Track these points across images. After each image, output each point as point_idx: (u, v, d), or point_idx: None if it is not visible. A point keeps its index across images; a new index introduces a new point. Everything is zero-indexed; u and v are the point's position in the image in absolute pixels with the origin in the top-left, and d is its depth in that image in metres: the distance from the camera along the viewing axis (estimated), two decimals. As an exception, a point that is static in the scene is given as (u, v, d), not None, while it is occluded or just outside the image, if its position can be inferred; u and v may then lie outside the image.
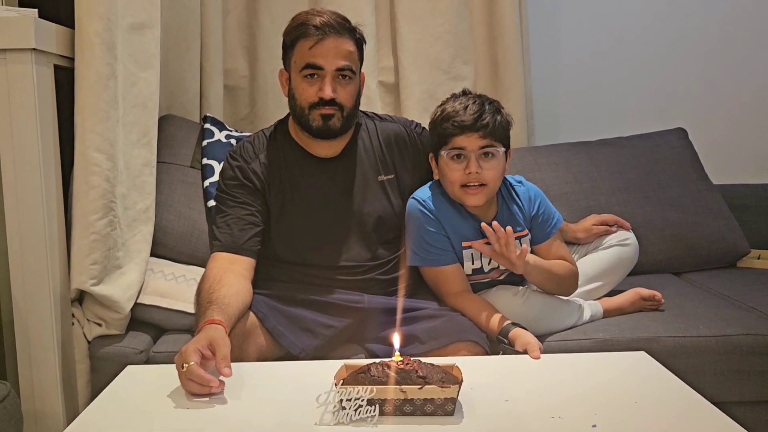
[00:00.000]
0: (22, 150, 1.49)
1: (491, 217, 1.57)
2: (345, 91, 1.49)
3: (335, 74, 1.47)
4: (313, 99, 1.47)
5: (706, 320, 1.61)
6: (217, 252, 1.49)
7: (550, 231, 1.61)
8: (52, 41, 1.54)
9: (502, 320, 1.42)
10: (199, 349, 1.14)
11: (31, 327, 1.53)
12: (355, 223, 1.55)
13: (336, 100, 1.47)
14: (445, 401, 1.03)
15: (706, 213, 2.10)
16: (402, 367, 1.05)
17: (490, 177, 1.51)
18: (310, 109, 1.48)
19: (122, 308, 1.62)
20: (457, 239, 1.54)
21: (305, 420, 1.03)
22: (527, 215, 1.61)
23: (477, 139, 1.49)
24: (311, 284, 1.51)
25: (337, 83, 1.47)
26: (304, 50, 1.46)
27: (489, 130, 1.49)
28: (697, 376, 1.42)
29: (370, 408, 1.01)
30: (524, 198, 1.62)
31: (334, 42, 1.46)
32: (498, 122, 1.51)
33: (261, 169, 1.54)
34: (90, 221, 1.57)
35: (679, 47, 2.55)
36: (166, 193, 1.90)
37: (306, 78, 1.48)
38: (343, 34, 1.47)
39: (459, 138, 1.49)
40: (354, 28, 1.51)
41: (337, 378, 1.07)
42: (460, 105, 1.51)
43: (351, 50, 1.49)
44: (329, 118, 1.48)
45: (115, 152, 1.62)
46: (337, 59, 1.46)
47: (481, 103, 1.52)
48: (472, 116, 1.48)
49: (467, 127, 1.48)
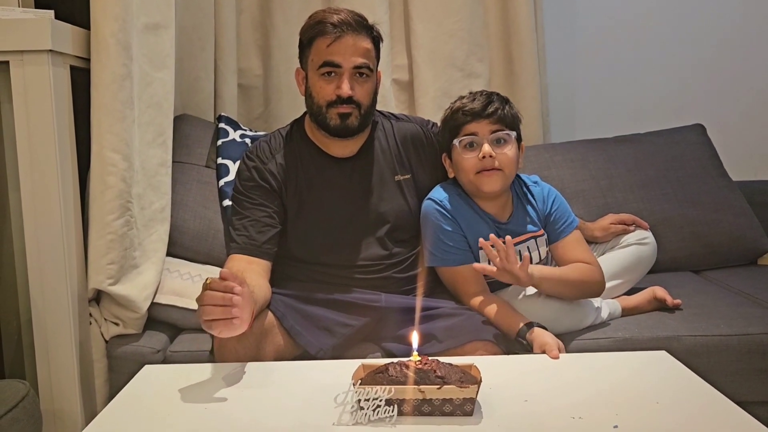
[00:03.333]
0: (39, 151, 1.50)
1: (507, 217, 1.56)
2: (362, 89, 1.49)
3: (353, 72, 1.46)
4: (330, 97, 1.47)
5: (727, 319, 1.58)
6: (234, 254, 1.49)
7: (564, 230, 1.59)
8: (68, 42, 1.54)
9: (521, 320, 1.41)
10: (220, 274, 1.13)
11: (49, 327, 1.54)
12: (371, 223, 1.54)
13: (353, 98, 1.47)
14: (464, 401, 1.02)
15: (725, 210, 2.07)
16: (420, 367, 1.04)
17: (505, 161, 1.51)
18: (327, 108, 1.48)
19: (139, 308, 1.63)
20: (474, 239, 1.52)
21: (323, 420, 1.03)
22: (541, 215, 1.60)
23: (488, 125, 1.50)
24: (328, 283, 1.51)
25: (355, 81, 1.47)
26: (322, 48, 1.46)
27: (498, 117, 1.50)
28: (718, 375, 1.40)
29: (388, 408, 1.00)
30: (539, 197, 1.61)
31: (351, 40, 1.45)
32: (507, 110, 1.53)
33: (277, 169, 1.54)
34: (107, 221, 1.58)
35: (697, 43, 2.51)
36: (181, 192, 1.91)
37: (323, 76, 1.47)
38: (360, 32, 1.47)
39: (470, 125, 1.51)
40: (371, 26, 1.50)
41: (355, 378, 1.07)
42: (468, 98, 1.54)
43: (368, 48, 1.49)
44: (347, 116, 1.47)
45: (131, 152, 1.63)
46: (355, 57, 1.46)
47: (489, 94, 1.54)
48: (480, 104, 1.51)
49: (477, 114, 1.50)
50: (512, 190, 1.60)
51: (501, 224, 1.56)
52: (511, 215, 1.57)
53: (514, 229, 1.56)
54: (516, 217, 1.56)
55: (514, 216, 1.57)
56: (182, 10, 2.03)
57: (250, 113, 2.36)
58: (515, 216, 1.56)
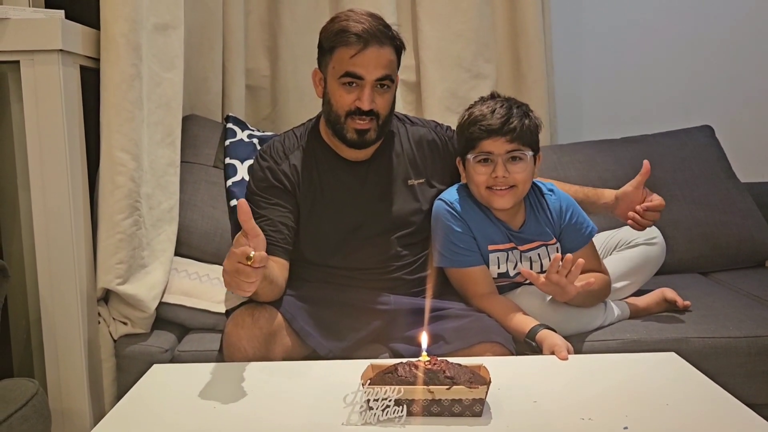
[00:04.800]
0: (49, 150, 1.50)
1: (519, 224, 1.55)
2: (383, 100, 1.46)
3: (374, 84, 1.44)
4: (350, 107, 1.45)
5: (735, 321, 1.58)
6: None
7: (582, 240, 1.57)
8: (78, 42, 1.55)
9: (530, 322, 1.41)
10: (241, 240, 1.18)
11: (58, 326, 1.54)
12: (383, 226, 1.53)
13: (374, 110, 1.45)
14: (473, 402, 1.02)
15: (734, 211, 2.07)
16: (429, 368, 1.04)
17: (519, 179, 1.48)
18: (346, 117, 1.46)
19: (147, 307, 1.63)
20: (484, 242, 1.52)
21: (332, 420, 1.03)
22: (556, 225, 1.57)
23: (504, 144, 1.47)
24: (338, 284, 1.50)
25: (376, 92, 1.45)
26: (345, 58, 1.43)
27: (516, 135, 1.46)
28: (726, 377, 1.39)
29: (397, 408, 1.00)
30: (554, 208, 1.58)
31: (375, 52, 1.42)
32: (526, 126, 1.48)
33: (290, 170, 1.52)
34: (116, 221, 1.58)
35: (704, 43, 2.51)
36: (189, 192, 1.91)
37: (344, 86, 1.45)
38: (384, 43, 1.43)
39: (486, 142, 1.47)
40: (395, 36, 1.47)
41: (364, 378, 1.07)
42: (488, 109, 1.49)
43: (392, 59, 1.46)
44: (365, 132, 1.46)
45: (140, 152, 1.63)
46: (378, 69, 1.43)
47: (509, 106, 1.49)
48: (499, 120, 1.46)
49: (494, 131, 1.46)
50: (525, 197, 1.56)
51: (513, 231, 1.55)
52: (523, 223, 1.55)
53: (525, 237, 1.55)
54: (528, 225, 1.55)
55: (526, 224, 1.55)
56: (190, 11, 2.03)
57: (258, 114, 2.36)
58: (528, 224, 1.55)
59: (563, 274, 1.38)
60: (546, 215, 1.57)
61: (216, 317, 1.70)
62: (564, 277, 1.38)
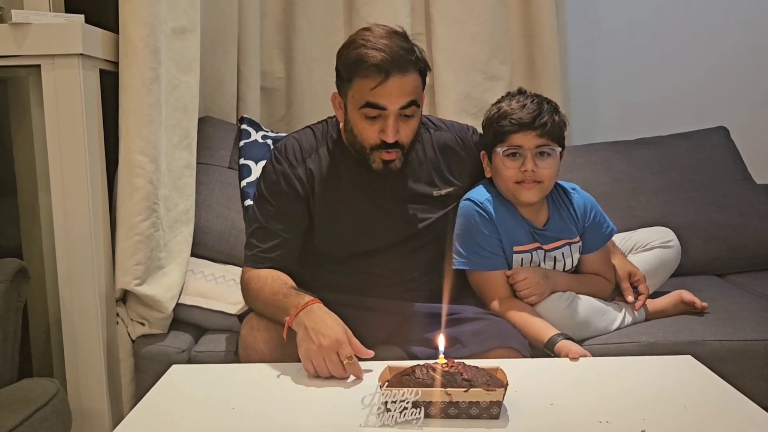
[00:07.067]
0: (68, 153, 1.52)
1: (542, 222, 1.55)
2: (408, 128, 1.40)
3: (398, 113, 1.36)
4: (375, 141, 1.39)
5: (753, 323, 1.57)
6: (250, 266, 1.46)
7: (602, 240, 1.58)
8: (98, 46, 1.57)
9: (549, 331, 1.39)
10: (346, 339, 1.24)
11: (78, 326, 1.56)
12: (405, 234, 1.49)
13: (399, 141, 1.38)
14: (490, 404, 1.02)
15: (750, 213, 2.05)
16: (447, 370, 1.04)
17: (546, 175, 1.48)
18: (371, 150, 1.40)
19: (165, 308, 1.65)
20: (509, 243, 1.51)
21: (350, 421, 1.03)
22: (580, 223, 1.57)
23: (534, 138, 1.47)
24: (356, 288, 1.48)
25: (400, 121, 1.37)
26: (365, 90, 1.34)
27: (547, 130, 1.46)
28: (743, 380, 1.38)
29: (415, 410, 1.01)
30: (579, 206, 1.58)
31: (398, 81, 1.33)
32: (555, 122, 1.48)
33: (306, 175, 1.46)
34: (134, 222, 1.60)
35: (719, 44, 2.49)
36: (204, 193, 1.93)
37: (366, 118, 1.37)
38: (407, 70, 1.34)
39: (516, 136, 1.47)
40: (418, 58, 1.37)
41: (382, 380, 1.07)
42: (518, 104, 1.49)
43: (415, 85, 1.37)
44: (391, 162, 1.41)
45: (158, 155, 1.65)
46: (401, 98, 1.35)
47: (540, 102, 1.49)
48: (530, 114, 1.46)
49: (525, 125, 1.46)
50: (549, 194, 1.56)
51: (538, 229, 1.54)
52: (547, 221, 1.55)
53: (550, 235, 1.54)
54: (552, 223, 1.55)
55: (550, 222, 1.55)
56: (206, 14, 2.04)
57: (273, 116, 2.38)
58: (551, 222, 1.55)
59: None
60: (570, 212, 1.58)
61: (232, 319, 1.71)
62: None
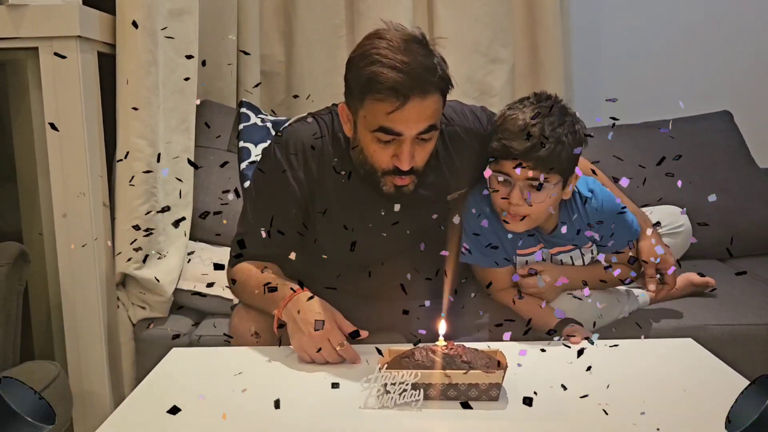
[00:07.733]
0: (67, 136, 1.52)
1: (550, 229, 1.42)
2: (424, 152, 1.24)
3: (415, 138, 1.21)
4: (387, 166, 1.24)
5: (755, 308, 1.57)
6: (243, 262, 1.36)
7: (622, 244, 1.44)
8: (95, 28, 1.56)
9: (553, 321, 1.35)
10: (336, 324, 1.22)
11: (78, 310, 1.57)
12: (411, 242, 1.39)
13: (413, 167, 1.24)
14: (489, 386, 1.02)
15: (753, 198, 2.05)
16: (446, 352, 1.04)
17: (534, 210, 1.31)
18: (383, 174, 1.27)
19: (164, 291, 1.65)
20: (512, 247, 1.43)
21: (350, 403, 1.03)
22: (597, 233, 1.42)
23: (525, 170, 1.27)
24: (358, 287, 1.42)
25: (416, 145, 1.22)
26: (379, 113, 1.18)
27: (542, 163, 1.26)
28: (745, 364, 1.35)
29: (414, 392, 1.01)
30: (592, 214, 1.40)
31: (417, 106, 1.17)
32: (558, 151, 1.26)
33: (307, 177, 1.34)
34: (133, 206, 1.60)
35: (723, 28, 2.47)
36: (203, 177, 1.93)
37: (378, 141, 1.22)
38: (427, 93, 1.17)
39: (506, 163, 1.29)
40: (442, 76, 1.20)
41: (381, 362, 1.07)
42: (522, 123, 1.28)
43: (436, 108, 1.21)
44: (403, 187, 1.28)
45: (157, 138, 1.64)
46: (420, 124, 1.19)
47: (551, 123, 1.28)
48: (523, 146, 1.25)
49: (517, 155, 1.26)
50: (562, 202, 1.40)
51: (544, 236, 1.43)
52: (555, 227, 1.41)
53: (557, 241, 1.44)
54: (561, 231, 1.39)
55: (558, 228, 1.41)
56: (205, -3, 2.03)
57: (273, 99, 2.36)
58: (560, 230, 1.39)
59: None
60: (583, 221, 1.41)
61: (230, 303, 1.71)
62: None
